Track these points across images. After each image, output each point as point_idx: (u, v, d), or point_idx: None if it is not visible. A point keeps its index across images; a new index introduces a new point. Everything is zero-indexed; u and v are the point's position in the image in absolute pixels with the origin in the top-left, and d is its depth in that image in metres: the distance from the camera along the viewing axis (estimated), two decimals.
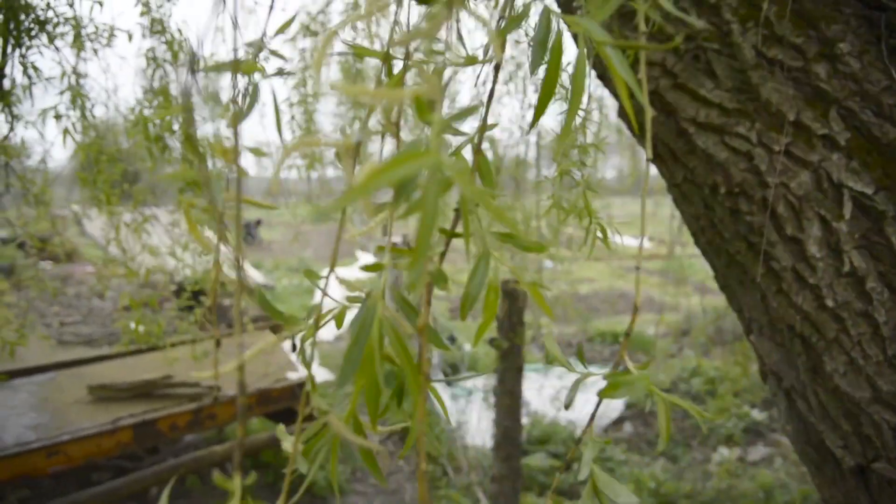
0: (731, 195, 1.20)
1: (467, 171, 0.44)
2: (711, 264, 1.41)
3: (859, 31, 1.07)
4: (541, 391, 5.61)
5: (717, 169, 1.21)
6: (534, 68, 0.42)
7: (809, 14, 1.09)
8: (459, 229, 0.54)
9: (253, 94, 0.52)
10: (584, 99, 1.25)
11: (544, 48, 0.41)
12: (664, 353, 7.26)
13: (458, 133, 0.55)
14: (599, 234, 1.11)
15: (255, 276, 9.50)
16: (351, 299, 0.44)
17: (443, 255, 0.53)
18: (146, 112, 1.92)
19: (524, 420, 5.16)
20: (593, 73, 1.45)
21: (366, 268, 0.48)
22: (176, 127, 2.04)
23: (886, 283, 1.02)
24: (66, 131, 1.71)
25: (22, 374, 3.80)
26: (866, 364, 1.05)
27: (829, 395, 1.13)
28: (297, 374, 3.95)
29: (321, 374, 6.69)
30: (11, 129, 1.93)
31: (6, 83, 1.84)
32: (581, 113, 1.05)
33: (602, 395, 0.52)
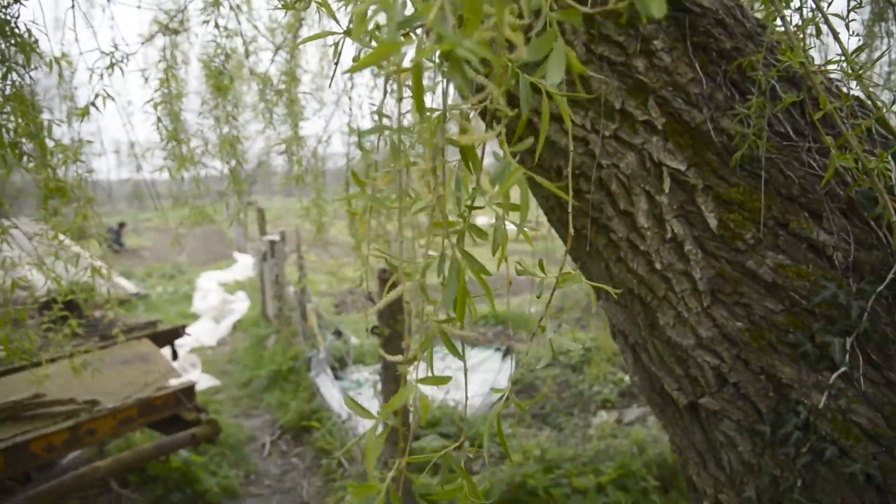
0: (572, 177, 1.35)
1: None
2: (563, 239, 1.56)
3: (669, 30, 1.24)
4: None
5: (560, 153, 1.36)
6: None
7: (628, 15, 1.25)
8: None
9: None
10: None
11: None
12: (543, 330, 7.64)
13: None
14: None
15: (125, 285, 9.03)
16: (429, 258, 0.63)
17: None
18: None
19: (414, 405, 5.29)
20: None
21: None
22: (34, 130, 1.96)
23: (700, 246, 1.20)
24: None
25: None
26: (689, 315, 1.22)
27: (663, 345, 1.31)
28: (179, 381, 3.85)
29: (205, 380, 6.51)
30: None
31: None
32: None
33: (557, 286, 0.70)
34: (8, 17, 1.82)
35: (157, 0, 2.90)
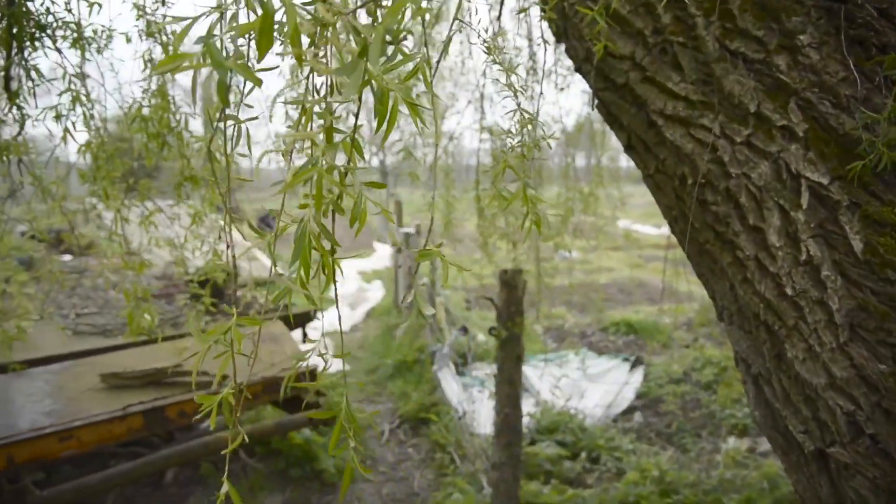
0: (697, 186, 1.23)
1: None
2: (686, 253, 1.43)
3: (819, 22, 1.09)
4: (541, 379, 5.65)
5: (685, 160, 1.24)
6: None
7: (771, 7, 1.11)
8: None
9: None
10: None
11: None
12: (680, 343, 7.25)
13: None
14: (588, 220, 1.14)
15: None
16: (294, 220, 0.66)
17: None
18: (145, 111, 1.98)
19: (533, 409, 5.19)
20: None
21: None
22: (174, 124, 2.10)
23: (840, 272, 1.04)
24: (66, 130, 1.77)
25: (38, 363, 3.92)
26: (822, 351, 1.07)
27: (790, 381, 1.16)
28: (304, 363, 4.01)
29: (334, 365, 6.76)
30: (22, 127, 2.00)
31: (13, 85, 1.91)
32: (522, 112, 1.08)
33: (417, 259, 0.72)
34: (155, 20, 1.95)
35: None
